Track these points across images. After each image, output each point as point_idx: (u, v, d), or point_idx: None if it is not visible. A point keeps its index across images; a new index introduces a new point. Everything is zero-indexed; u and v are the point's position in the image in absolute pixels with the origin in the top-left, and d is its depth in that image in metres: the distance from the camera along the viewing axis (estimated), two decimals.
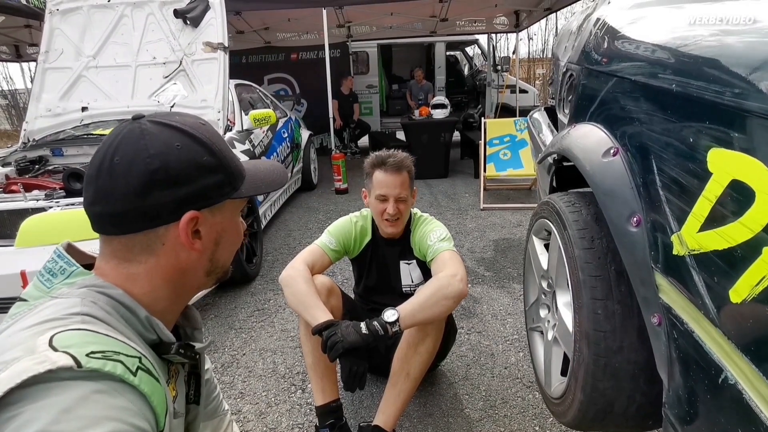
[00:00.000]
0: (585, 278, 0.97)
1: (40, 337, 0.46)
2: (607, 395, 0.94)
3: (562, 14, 8.14)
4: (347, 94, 6.80)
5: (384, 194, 1.51)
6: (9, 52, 7.08)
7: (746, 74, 0.61)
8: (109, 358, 0.46)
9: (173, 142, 0.57)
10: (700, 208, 0.66)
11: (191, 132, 0.59)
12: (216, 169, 0.60)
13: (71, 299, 0.53)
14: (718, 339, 0.64)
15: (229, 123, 3.20)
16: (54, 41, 3.15)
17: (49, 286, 0.56)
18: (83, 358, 0.44)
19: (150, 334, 0.58)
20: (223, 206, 0.62)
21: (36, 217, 1.96)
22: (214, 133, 0.63)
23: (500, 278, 2.76)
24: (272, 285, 2.81)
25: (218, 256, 0.64)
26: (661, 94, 0.79)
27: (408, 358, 1.41)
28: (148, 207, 0.56)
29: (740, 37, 0.68)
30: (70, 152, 2.90)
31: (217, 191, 0.61)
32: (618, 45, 1.04)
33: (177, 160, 0.57)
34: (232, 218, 0.65)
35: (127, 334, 0.54)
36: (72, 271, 0.57)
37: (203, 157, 0.59)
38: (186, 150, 0.58)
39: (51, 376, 0.42)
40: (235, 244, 0.67)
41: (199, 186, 0.58)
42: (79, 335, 0.47)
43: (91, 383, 0.44)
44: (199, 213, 0.59)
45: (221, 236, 0.63)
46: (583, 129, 1.10)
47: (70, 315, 0.50)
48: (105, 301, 0.54)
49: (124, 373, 0.46)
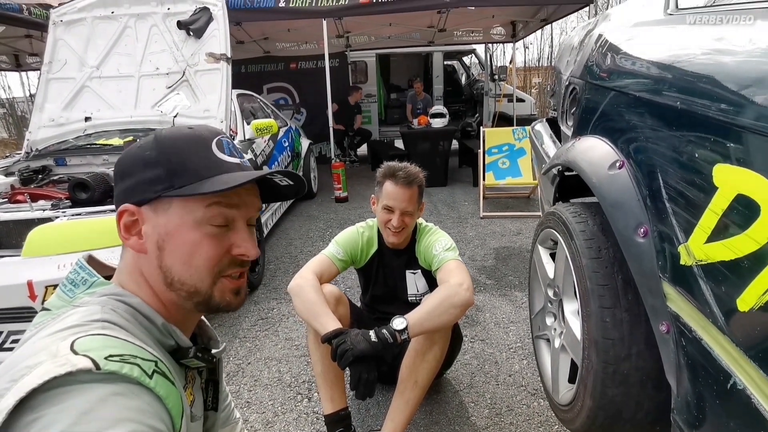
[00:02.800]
0: (593, 287, 1.00)
1: (62, 342, 0.48)
2: (616, 402, 0.97)
3: (557, 25, 8.25)
4: (352, 105, 6.87)
5: (391, 206, 1.53)
6: (9, 61, 7.09)
7: (750, 92, 0.64)
8: (126, 361, 0.48)
9: (141, 142, 0.62)
10: (706, 221, 0.69)
11: (158, 132, 0.62)
12: (154, 164, 0.58)
13: (92, 307, 0.55)
14: (726, 346, 0.67)
15: (231, 132, 3.23)
16: (57, 52, 3.17)
17: (71, 296, 0.59)
18: (102, 361, 0.46)
19: (168, 340, 0.60)
20: (169, 208, 0.58)
21: (43, 227, 1.97)
22: (185, 133, 0.61)
23: (502, 286, 2.78)
24: (275, 294, 2.82)
25: (167, 263, 0.58)
26: (666, 110, 0.83)
27: (416, 366, 1.43)
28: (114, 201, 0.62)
29: (742, 57, 0.72)
30: (74, 162, 2.91)
31: (149, 186, 0.58)
32: (622, 62, 1.07)
33: (127, 155, 0.61)
34: (182, 224, 0.58)
35: (144, 340, 0.55)
36: (93, 281, 0.60)
37: (146, 151, 0.60)
38: (139, 147, 0.61)
39: (71, 379, 0.44)
40: (189, 258, 0.58)
41: (135, 180, 0.59)
42: (99, 340, 0.49)
43: (109, 385, 0.45)
44: (135, 207, 0.59)
45: (164, 240, 0.58)
46: (588, 142, 1.13)
47: (91, 322, 0.52)
48: (124, 309, 0.57)
49: (140, 375, 0.48)
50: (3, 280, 1.81)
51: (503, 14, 6.41)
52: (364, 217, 1.72)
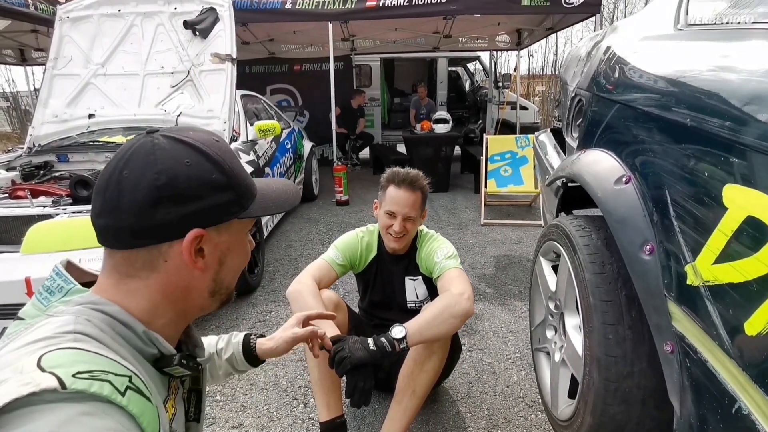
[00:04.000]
0: (596, 303, 0.99)
1: (29, 357, 0.45)
2: (617, 420, 0.95)
3: (562, 33, 8.28)
4: (354, 108, 6.87)
5: (393, 211, 1.52)
6: (14, 55, 7.10)
7: (762, 111, 0.63)
8: (96, 378, 0.45)
9: (183, 158, 0.57)
10: (715, 241, 0.68)
11: (202, 149, 0.58)
12: (225, 187, 0.59)
13: (65, 317, 0.52)
14: (732, 369, 0.66)
15: (234, 133, 3.22)
16: (63, 48, 3.17)
17: (46, 304, 0.56)
18: (69, 379, 0.43)
19: (150, 349, 0.57)
20: (230, 225, 0.61)
21: (42, 223, 1.96)
22: (227, 150, 0.62)
23: (501, 295, 2.77)
24: (273, 296, 2.81)
25: (222, 276, 0.62)
26: (676, 126, 0.82)
27: (414, 376, 1.42)
28: (152, 223, 0.55)
29: (753, 75, 0.71)
30: (76, 159, 2.91)
31: (224, 210, 0.59)
32: (630, 75, 1.07)
33: (185, 177, 0.56)
34: (239, 238, 0.63)
35: (121, 351, 0.53)
36: (69, 288, 0.57)
37: (212, 174, 0.58)
38: (195, 167, 0.57)
39: (35, 399, 0.41)
40: (240, 265, 0.65)
41: (206, 204, 0.58)
42: (68, 354, 0.47)
43: (76, 405, 0.43)
44: (203, 231, 0.58)
45: (226, 256, 0.62)
46: (594, 155, 1.12)
47: (63, 333, 0.49)
48: (100, 319, 0.54)
49: (111, 393, 0.45)
50: (1, 276, 1.80)
51: (509, 22, 6.42)
52: (365, 221, 1.72)
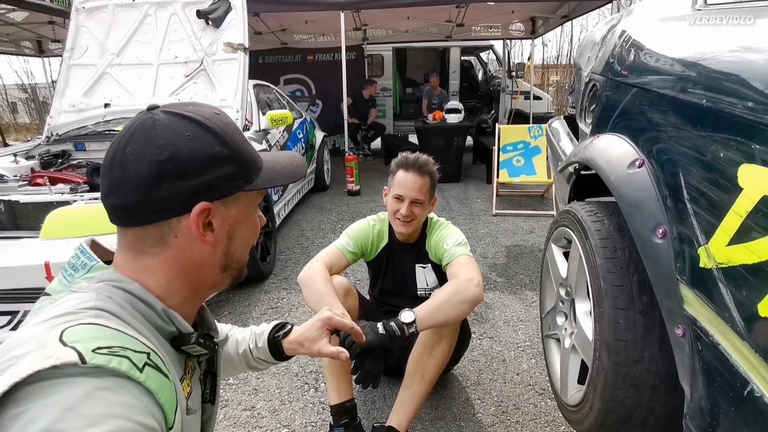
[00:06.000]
0: (607, 287, 0.98)
1: (52, 332, 0.46)
2: (627, 404, 0.95)
3: (577, 21, 8.12)
4: (366, 99, 6.85)
5: (401, 194, 1.52)
6: (32, 47, 7.23)
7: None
8: (115, 354, 0.46)
9: (184, 132, 0.57)
10: (729, 223, 0.66)
11: (203, 122, 0.58)
12: (228, 160, 0.59)
13: (87, 293, 0.53)
14: (744, 352, 0.65)
15: (247, 123, 3.24)
16: (79, 38, 3.22)
17: (70, 280, 0.57)
18: (88, 354, 0.44)
19: (168, 327, 0.58)
20: (238, 198, 0.61)
21: (61, 210, 2.01)
22: (228, 122, 0.61)
23: (512, 284, 2.76)
24: (285, 284, 2.84)
25: (233, 250, 0.62)
26: (691, 108, 0.80)
27: (423, 361, 1.43)
28: (158, 198, 0.55)
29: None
30: (92, 147, 2.96)
31: (229, 183, 0.59)
32: (645, 58, 1.05)
33: (187, 151, 0.56)
34: (247, 211, 0.63)
35: (140, 329, 0.54)
36: (92, 266, 0.58)
37: (215, 147, 0.58)
38: (197, 140, 0.57)
39: (56, 372, 0.42)
40: (250, 239, 0.66)
41: (211, 177, 0.57)
42: (88, 330, 0.48)
43: (96, 380, 0.44)
44: (211, 205, 0.57)
45: (235, 229, 0.62)
46: (607, 139, 1.11)
47: (84, 309, 0.51)
48: (121, 296, 0.55)
49: (129, 369, 0.46)
50: (21, 260, 1.85)
51: (523, 10, 6.31)
52: (376, 211, 1.72)
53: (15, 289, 1.84)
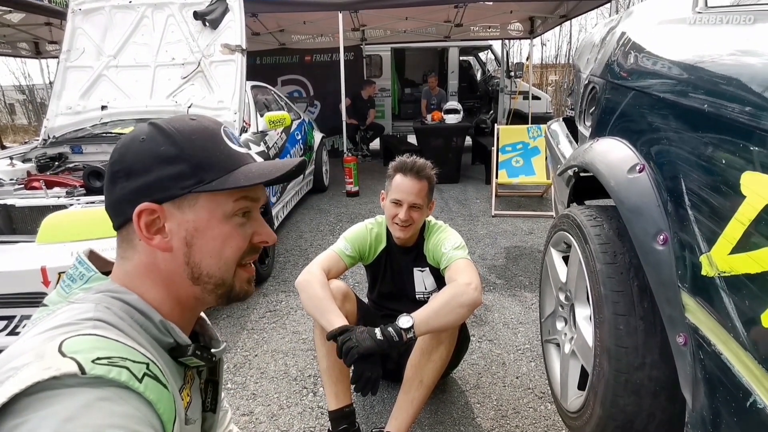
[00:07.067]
0: (607, 293, 0.97)
1: (50, 342, 0.46)
2: (627, 411, 0.94)
3: (576, 21, 8.11)
4: (365, 99, 6.84)
5: (399, 199, 1.51)
6: (29, 48, 7.20)
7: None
8: (114, 364, 0.46)
9: (139, 136, 0.58)
10: (731, 231, 0.65)
11: (160, 125, 0.58)
12: (174, 159, 0.57)
13: (85, 304, 0.53)
14: (747, 362, 0.64)
15: (244, 124, 3.23)
16: (76, 40, 3.20)
17: (68, 291, 0.57)
18: (88, 365, 0.44)
19: (166, 338, 0.58)
20: (196, 203, 0.57)
21: (57, 214, 1.99)
22: (194, 125, 0.59)
23: (512, 286, 2.75)
24: (284, 286, 2.83)
25: (195, 259, 0.59)
26: (692, 113, 0.79)
27: (421, 366, 1.42)
28: (116, 200, 0.58)
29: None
30: (89, 150, 2.95)
31: (175, 183, 0.56)
32: (646, 61, 1.04)
33: (134, 152, 0.57)
34: (211, 218, 0.58)
35: (139, 339, 0.54)
36: (90, 276, 0.58)
37: (161, 147, 0.57)
38: (147, 142, 0.57)
39: (56, 383, 0.42)
40: (220, 251, 0.59)
41: (155, 177, 0.56)
42: (88, 341, 0.47)
43: (95, 390, 0.44)
44: (154, 205, 0.56)
45: (193, 236, 0.58)
46: (607, 143, 1.10)
47: (83, 320, 0.50)
48: (119, 307, 0.55)
49: (129, 379, 0.46)
50: (18, 265, 1.84)
51: (522, 10, 6.30)
52: (375, 212, 1.71)
53: (11, 293, 1.83)
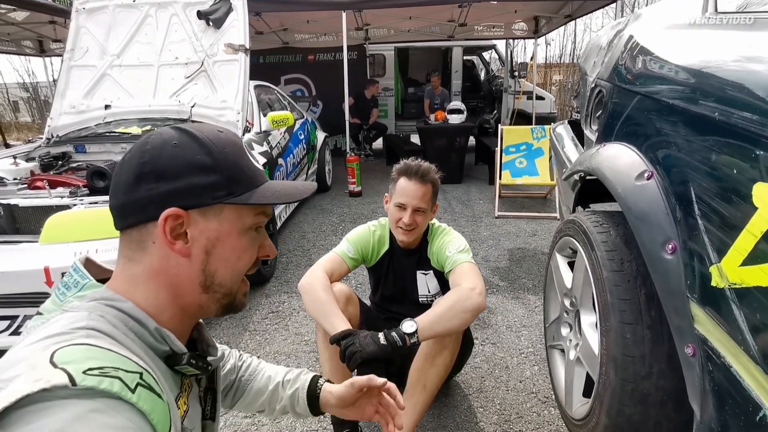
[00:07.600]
0: (614, 301, 0.96)
1: (42, 353, 0.46)
2: (634, 421, 0.93)
3: (581, 21, 8.07)
4: (368, 99, 6.83)
5: (403, 203, 1.50)
6: (33, 46, 7.22)
7: None
8: (106, 375, 0.45)
9: (172, 140, 0.58)
10: (743, 242, 0.64)
11: (194, 133, 0.59)
12: (209, 169, 0.58)
13: (79, 313, 0.53)
14: (757, 376, 0.63)
15: (248, 124, 3.22)
16: (80, 39, 3.20)
17: (62, 299, 0.57)
18: (79, 376, 0.44)
19: (162, 346, 0.57)
20: (221, 213, 0.59)
21: (60, 214, 1.99)
22: (225, 138, 0.61)
23: (515, 289, 2.74)
24: (287, 287, 2.82)
25: (211, 268, 0.60)
26: (702, 120, 0.78)
27: (425, 371, 1.41)
28: (137, 200, 0.57)
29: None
30: (93, 149, 2.95)
31: (207, 192, 0.58)
32: (654, 66, 1.02)
33: (168, 156, 0.57)
34: (232, 229, 0.60)
35: (133, 348, 0.53)
36: (84, 284, 0.57)
37: (196, 155, 0.58)
38: (181, 147, 0.58)
39: (46, 395, 0.42)
40: (235, 262, 0.62)
41: (187, 183, 0.57)
42: (79, 350, 0.47)
43: (87, 402, 0.43)
44: (182, 211, 0.57)
45: (214, 245, 0.59)
46: (614, 149, 1.09)
47: (76, 329, 0.50)
48: (113, 315, 0.54)
49: (121, 390, 0.45)
50: (21, 265, 1.84)
51: (526, 9, 6.27)
52: (378, 212, 1.71)
53: (15, 294, 1.84)
